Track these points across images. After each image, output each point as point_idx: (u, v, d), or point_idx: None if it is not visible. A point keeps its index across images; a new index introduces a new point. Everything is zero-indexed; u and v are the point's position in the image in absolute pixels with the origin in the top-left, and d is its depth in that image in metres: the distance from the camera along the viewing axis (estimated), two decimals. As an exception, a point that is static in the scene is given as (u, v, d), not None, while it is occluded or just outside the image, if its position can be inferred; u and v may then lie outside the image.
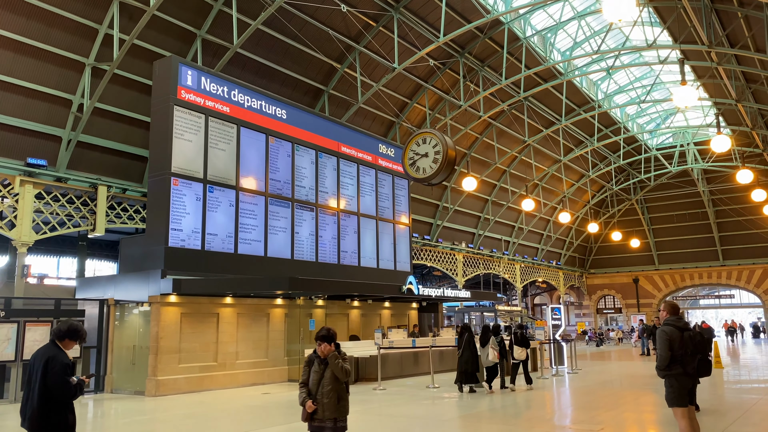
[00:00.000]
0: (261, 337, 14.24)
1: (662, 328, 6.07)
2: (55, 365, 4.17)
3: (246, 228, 14.11)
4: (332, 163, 16.86)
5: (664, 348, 5.96)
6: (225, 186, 13.79)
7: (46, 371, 4.16)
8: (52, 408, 4.17)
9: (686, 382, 5.95)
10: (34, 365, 4.25)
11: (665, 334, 6.01)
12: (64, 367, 4.21)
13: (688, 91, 15.51)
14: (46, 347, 4.32)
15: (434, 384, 13.00)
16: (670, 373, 5.95)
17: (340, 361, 4.96)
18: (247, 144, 14.41)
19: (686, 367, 5.90)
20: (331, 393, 4.85)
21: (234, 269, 13.64)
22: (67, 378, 4.21)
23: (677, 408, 5.99)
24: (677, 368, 5.91)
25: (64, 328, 4.38)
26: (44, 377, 4.15)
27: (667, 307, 6.28)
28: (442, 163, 13.05)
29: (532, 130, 30.09)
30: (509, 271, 36.95)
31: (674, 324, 6.04)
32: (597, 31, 24.38)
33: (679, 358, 5.91)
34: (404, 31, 21.20)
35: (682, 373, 5.90)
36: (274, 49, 19.77)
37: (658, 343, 6.05)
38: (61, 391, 4.18)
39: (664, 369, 5.97)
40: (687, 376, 5.93)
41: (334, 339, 5.04)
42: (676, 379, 5.93)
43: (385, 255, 18.39)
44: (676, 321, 6.07)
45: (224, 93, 14.08)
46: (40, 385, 4.15)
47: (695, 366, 5.89)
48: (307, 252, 15.58)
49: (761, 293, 38.90)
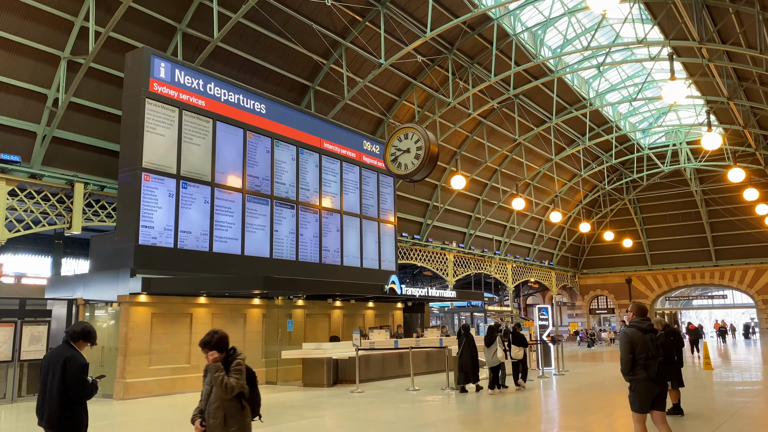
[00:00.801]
0: (237, 338, 13.79)
1: (624, 330, 5.75)
2: (73, 365, 4.31)
3: (222, 226, 13.68)
4: (314, 160, 16.44)
5: (625, 351, 5.65)
6: (200, 182, 13.35)
7: (65, 371, 4.29)
8: (69, 406, 4.30)
9: (649, 387, 5.63)
10: (49, 365, 4.37)
11: (626, 336, 5.69)
12: (82, 367, 4.37)
13: (677, 87, 15.18)
14: (61, 348, 4.46)
15: (414, 386, 12.59)
16: (633, 378, 5.65)
17: (222, 374, 4.02)
18: (224, 139, 13.98)
19: (649, 372, 5.57)
20: (217, 412, 4.09)
21: (209, 268, 13.20)
22: (85, 377, 4.37)
23: (636, 413, 5.72)
24: (641, 373, 5.60)
25: (78, 329, 4.55)
26: (63, 377, 4.28)
27: (633, 309, 5.94)
28: (424, 158, 12.65)
29: (522, 128, 29.74)
30: (501, 272, 36.60)
31: (637, 326, 5.72)
32: (588, 28, 24.05)
33: (642, 362, 5.58)
34: (391, 27, 20.81)
35: (646, 378, 5.59)
36: (257, 44, 19.35)
37: (620, 346, 5.74)
38: (79, 390, 4.33)
39: (628, 373, 5.66)
40: (652, 382, 5.61)
41: (221, 345, 4.17)
42: (639, 384, 5.63)
43: (370, 254, 17.98)
44: (639, 323, 5.75)
45: (200, 86, 13.65)
46: (59, 385, 4.28)
47: (656, 370, 5.56)
48: (286, 251, 15.16)
49: (754, 293, 38.67)
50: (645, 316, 5.83)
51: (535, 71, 25.74)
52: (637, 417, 5.72)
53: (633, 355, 5.60)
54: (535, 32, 24.68)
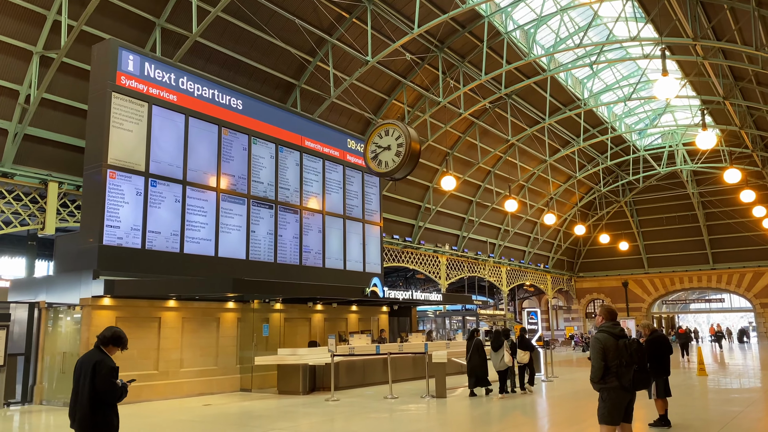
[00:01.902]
0: (210, 344, 13.23)
1: (596, 336, 5.25)
2: (102, 369, 4.45)
3: (194, 226, 13.11)
4: (295, 158, 15.89)
5: (597, 358, 5.17)
6: (170, 180, 12.79)
7: (95, 375, 4.42)
8: (99, 409, 4.43)
9: (622, 397, 5.19)
10: (81, 369, 4.53)
11: (598, 342, 5.19)
12: (111, 371, 4.49)
13: (669, 82, 14.62)
14: (92, 352, 4.64)
15: (393, 394, 12.02)
16: (604, 386, 5.18)
17: None
18: (197, 135, 13.43)
19: (622, 380, 5.11)
20: None
21: (180, 270, 12.64)
22: (114, 381, 4.49)
23: (605, 425, 5.25)
24: (612, 381, 5.14)
25: (108, 334, 4.71)
26: (93, 380, 4.42)
27: (603, 312, 5.43)
28: (405, 156, 12.09)
29: (516, 129, 29.22)
30: (495, 275, 36.03)
31: (609, 331, 5.21)
32: (581, 27, 23.49)
33: (614, 370, 5.10)
34: (379, 24, 20.31)
35: (617, 386, 5.13)
36: (240, 40, 18.84)
37: (591, 353, 5.22)
38: (109, 393, 4.45)
39: (598, 381, 5.18)
40: (623, 390, 5.15)
41: None
42: (610, 392, 5.17)
43: (353, 256, 17.41)
44: (611, 327, 5.25)
45: (171, 80, 13.11)
46: (89, 388, 4.41)
47: (631, 378, 5.10)
48: (264, 252, 14.59)
49: (752, 297, 38.10)
50: (615, 321, 5.35)
51: (528, 70, 25.23)
52: (607, 430, 5.29)
53: (605, 362, 5.11)
54: (528, 30, 24.18)
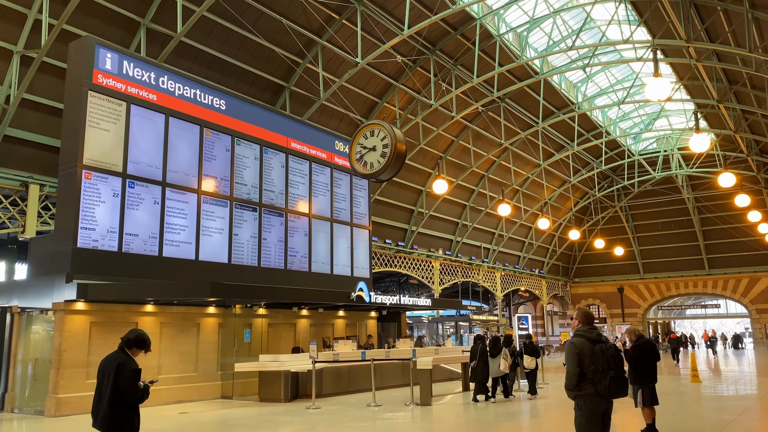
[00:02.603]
0: (189, 350, 12.86)
1: (571, 340, 4.91)
2: (125, 370, 4.51)
3: (173, 228, 12.77)
4: (280, 160, 15.57)
5: (572, 364, 4.83)
6: (149, 181, 12.46)
7: (117, 376, 4.49)
8: (121, 409, 4.52)
9: (598, 404, 4.83)
10: (105, 371, 4.59)
11: (574, 347, 4.86)
12: (133, 373, 4.56)
13: (661, 84, 14.41)
14: (115, 354, 4.69)
15: (376, 402, 11.66)
16: (579, 394, 4.84)
17: None
18: (178, 136, 13.11)
19: (598, 387, 4.78)
20: None
21: (158, 274, 12.28)
22: (136, 382, 4.56)
23: None
24: (588, 387, 4.80)
25: (132, 337, 4.76)
26: (115, 381, 4.48)
27: (579, 316, 5.10)
28: (390, 157, 11.79)
29: (509, 133, 28.96)
30: (489, 280, 35.71)
31: (585, 335, 4.88)
32: (574, 30, 23.25)
33: (590, 376, 4.78)
34: (370, 26, 20.06)
35: (593, 393, 4.79)
36: (228, 41, 18.57)
37: (566, 358, 4.90)
38: (131, 394, 4.53)
39: (573, 389, 4.84)
40: (599, 398, 4.81)
41: None
42: (586, 400, 4.82)
43: (341, 260, 17.06)
44: (587, 332, 4.92)
45: (151, 79, 12.79)
46: (112, 389, 4.48)
47: (607, 385, 4.77)
48: (247, 256, 14.25)
49: (747, 303, 37.82)
50: (592, 325, 5.02)
51: (520, 73, 25.00)
52: None
53: (581, 368, 4.80)
54: (521, 33, 23.96)
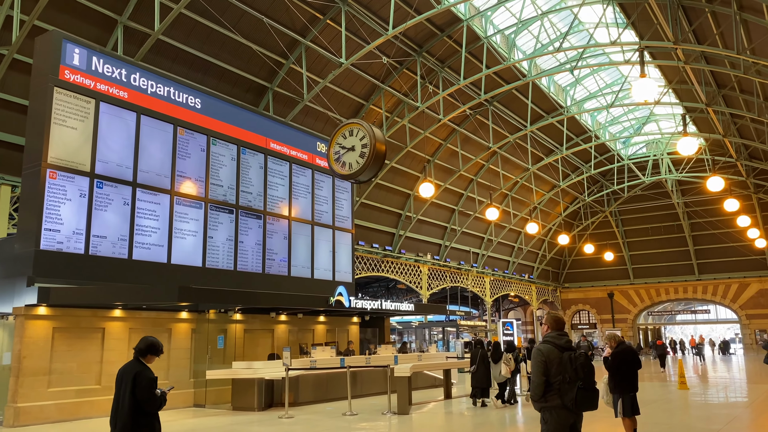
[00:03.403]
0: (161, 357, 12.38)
1: (537, 347, 4.50)
2: (142, 379, 4.61)
3: (144, 230, 12.32)
4: (258, 161, 15.16)
5: (538, 372, 4.42)
6: (118, 182, 12.02)
7: (135, 385, 4.58)
8: (140, 417, 4.60)
9: (564, 417, 4.40)
10: (122, 380, 4.67)
11: (540, 354, 4.45)
12: (150, 382, 4.66)
13: (647, 84, 14.11)
14: (131, 364, 4.79)
15: (352, 411, 11.23)
16: (545, 405, 4.42)
17: None
18: (150, 135, 12.68)
19: (564, 398, 4.36)
20: None
21: (128, 277, 11.83)
22: (153, 390, 4.66)
23: None
24: (554, 399, 4.38)
25: (143, 346, 4.86)
26: (133, 390, 4.57)
27: (549, 321, 4.70)
28: (369, 157, 11.38)
29: (498, 136, 28.69)
30: (478, 285, 35.37)
31: (553, 342, 4.48)
32: (563, 33, 23.02)
33: (556, 386, 4.37)
34: (355, 26, 19.75)
35: (559, 405, 4.37)
36: (209, 40, 18.20)
37: (532, 366, 4.49)
38: (149, 402, 4.63)
39: (539, 399, 4.42)
40: (565, 410, 4.39)
41: None
42: (552, 413, 4.40)
43: (322, 264, 16.64)
44: (556, 338, 4.51)
45: (122, 76, 12.37)
46: (130, 398, 4.56)
47: (574, 397, 4.35)
48: (223, 259, 13.81)
49: (737, 308, 37.65)
50: (562, 331, 4.61)
51: (508, 75, 24.75)
52: None
53: (547, 377, 4.40)
54: (509, 36, 23.72)
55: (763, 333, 36.54)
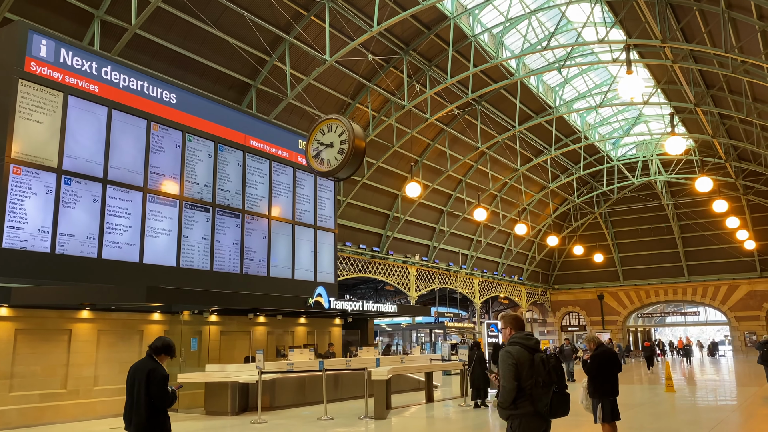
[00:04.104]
0: (131, 359, 11.87)
1: (506, 349, 4.09)
2: (156, 376, 4.71)
3: (115, 229, 11.91)
4: (236, 158, 14.77)
5: (509, 377, 3.98)
6: (87, 178, 11.60)
7: (149, 382, 4.67)
8: (153, 414, 4.68)
9: (536, 425, 4.00)
10: (135, 377, 4.78)
11: (510, 356, 4.02)
12: (163, 379, 4.76)
13: (633, 81, 13.85)
14: (144, 361, 4.90)
15: (328, 415, 10.86)
16: (515, 413, 3.99)
17: None
18: (122, 130, 12.27)
19: (537, 405, 3.95)
20: None
21: (97, 277, 11.41)
22: (166, 387, 4.77)
23: None
24: (526, 405, 3.96)
25: (160, 344, 4.93)
26: (147, 387, 4.67)
27: (509, 321, 4.29)
28: (348, 154, 11.03)
29: (486, 136, 28.42)
30: (467, 286, 35.07)
31: (522, 343, 4.09)
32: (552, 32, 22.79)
33: (528, 391, 3.96)
34: (340, 23, 19.41)
35: (531, 412, 3.96)
36: (190, 36, 17.81)
37: (501, 370, 4.05)
38: (162, 399, 4.72)
39: (508, 407, 4.00)
40: (537, 417, 3.98)
41: None
42: (522, 421, 3.98)
43: (303, 264, 16.27)
44: (524, 339, 4.12)
45: (92, 69, 11.96)
46: (144, 394, 4.66)
47: (548, 403, 3.96)
48: (198, 259, 13.41)
49: (726, 310, 37.56)
50: (526, 331, 4.22)
51: (495, 74, 24.50)
52: None
53: (518, 382, 3.99)
54: (497, 35, 23.45)
55: (752, 334, 36.46)
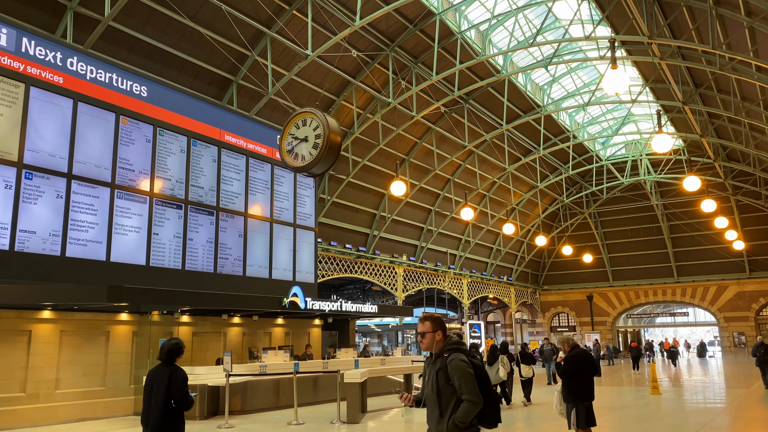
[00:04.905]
0: (96, 361, 11.52)
1: (459, 357, 3.60)
2: (177, 378, 4.86)
3: (80, 226, 11.45)
4: (211, 154, 14.34)
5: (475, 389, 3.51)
6: (51, 173, 11.15)
7: (170, 382, 4.82)
8: (171, 416, 4.80)
9: None
10: (154, 380, 4.91)
11: (467, 365, 3.55)
12: (184, 380, 4.92)
13: (618, 76, 13.54)
14: (162, 366, 4.99)
15: (298, 420, 10.45)
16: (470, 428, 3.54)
17: None
18: (88, 123, 11.82)
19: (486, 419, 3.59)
20: None
21: (61, 276, 10.96)
22: (187, 389, 4.92)
23: None
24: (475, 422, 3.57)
25: (166, 349, 5.07)
26: (168, 388, 4.80)
27: (436, 323, 3.80)
28: (322, 148, 10.63)
29: (474, 135, 28.08)
30: (456, 287, 34.72)
31: (464, 350, 3.69)
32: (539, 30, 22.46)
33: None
34: (323, 18, 19.01)
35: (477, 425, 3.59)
36: (168, 30, 17.34)
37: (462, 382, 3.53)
38: (182, 400, 4.86)
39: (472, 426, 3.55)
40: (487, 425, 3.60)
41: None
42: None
43: (281, 264, 15.84)
44: (461, 344, 3.72)
45: (57, 59, 11.51)
46: (163, 396, 4.78)
47: (496, 412, 3.62)
48: (169, 257, 12.96)
49: (715, 311, 37.42)
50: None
51: (482, 72, 24.17)
52: None
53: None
54: (484, 32, 23.13)
55: (741, 335, 36.33)
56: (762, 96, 21.82)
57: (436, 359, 3.71)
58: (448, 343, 3.71)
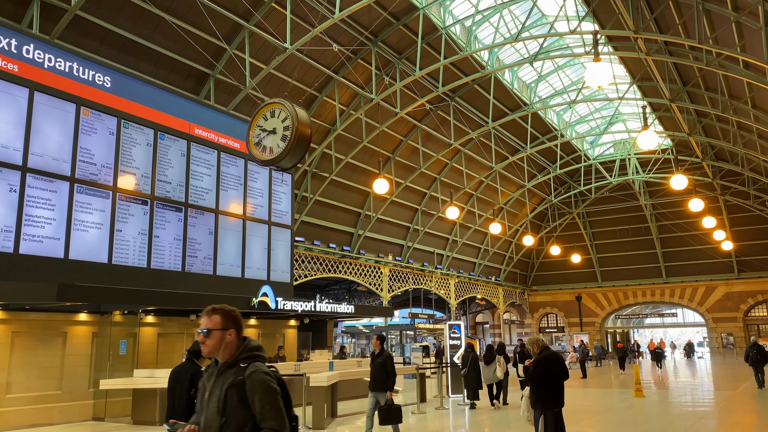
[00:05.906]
0: (52, 363, 10.96)
1: (263, 370, 2.71)
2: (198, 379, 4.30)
3: (35, 221, 10.89)
4: (180, 148, 13.79)
5: (282, 414, 2.64)
6: (3, 165, 10.56)
7: (192, 384, 4.73)
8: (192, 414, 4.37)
9: None
10: (177, 380, 4.93)
11: (272, 380, 2.70)
12: None
13: (601, 69, 13.11)
14: (186, 365, 5.04)
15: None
16: None
17: None
18: (45, 114, 11.26)
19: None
20: None
21: (14, 274, 10.39)
22: None
23: None
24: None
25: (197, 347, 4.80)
26: (190, 388, 4.75)
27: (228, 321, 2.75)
28: (291, 140, 10.10)
29: (460, 133, 27.65)
30: (443, 287, 34.29)
31: (263, 357, 2.82)
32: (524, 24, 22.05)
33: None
34: (303, 12, 18.50)
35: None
36: (141, 22, 16.79)
37: (266, 404, 2.62)
38: None
39: None
40: None
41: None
42: None
43: (255, 263, 15.31)
44: (262, 351, 2.86)
45: (11, 47, 10.94)
46: (187, 396, 4.76)
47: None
48: (134, 255, 12.40)
49: (704, 311, 37.18)
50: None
51: (467, 68, 23.74)
52: None
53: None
54: (469, 28, 22.71)
55: (729, 336, 36.10)
56: (750, 93, 21.51)
57: (226, 370, 2.73)
58: (244, 348, 2.76)
